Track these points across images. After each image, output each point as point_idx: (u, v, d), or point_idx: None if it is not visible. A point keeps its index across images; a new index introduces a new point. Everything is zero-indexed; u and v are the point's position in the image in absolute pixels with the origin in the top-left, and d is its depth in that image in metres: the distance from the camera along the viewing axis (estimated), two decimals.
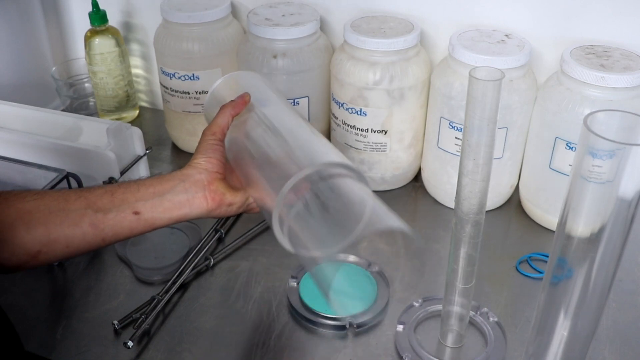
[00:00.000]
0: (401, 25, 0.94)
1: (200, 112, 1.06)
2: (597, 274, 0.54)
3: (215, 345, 0.75)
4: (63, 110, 1.20)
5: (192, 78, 1.03)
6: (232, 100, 0.73)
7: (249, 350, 0.74)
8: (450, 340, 0.75)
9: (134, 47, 1.23)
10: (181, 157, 1.11)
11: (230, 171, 0.71)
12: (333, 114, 0.99)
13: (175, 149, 1.14)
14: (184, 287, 0.83)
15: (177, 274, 0.83)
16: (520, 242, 0.92)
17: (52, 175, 0.86)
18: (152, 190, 0.66)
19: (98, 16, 1.11)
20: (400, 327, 0.76)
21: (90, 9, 1.11)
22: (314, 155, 0.63)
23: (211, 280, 0.85)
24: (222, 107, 0.73)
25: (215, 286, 0.83)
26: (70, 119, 1.02)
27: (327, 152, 0.64)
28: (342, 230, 0.60)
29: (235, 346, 0.75)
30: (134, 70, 1.24)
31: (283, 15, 0.98)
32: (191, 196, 0.67)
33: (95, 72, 1.15)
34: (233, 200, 0.68)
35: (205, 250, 0.88)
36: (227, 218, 0.94)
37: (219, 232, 0.91)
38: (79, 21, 1.22)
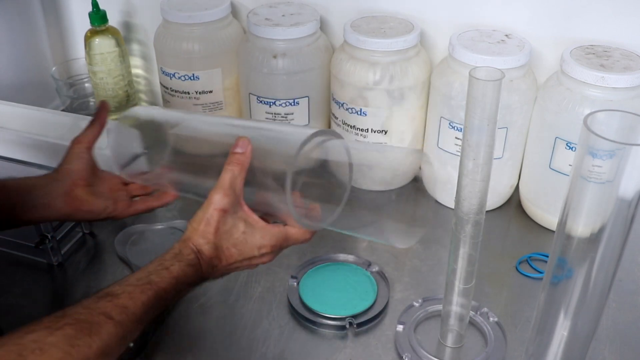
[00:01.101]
0: (401, 25, 0.94)
1: (200, 112, 1.06)
2: (597, 274, 0.54)
3: (215, 345, 0.75)
4: (63, 110, 1.20)
5: (192, 78, 1.03)
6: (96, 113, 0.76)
7: (249, 350, 0.74)
8: (450, 340, 0.75)
9: (134, 47, 1.23)
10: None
11: (99, 178, 0.75)
12: (333, 114, 0.99)
13: None
14: None
15: None
16: (520, 242, 0.92)
17: None
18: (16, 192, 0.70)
19: (98, 16, 1.11)
20: (400, 327, 0.76)
21: (90, 9, 1.11)
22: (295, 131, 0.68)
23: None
24: (92, 120, 0.76)
25: (215, 286, 0.83)
26: (70, 119, 1.02)
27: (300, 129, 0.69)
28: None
29: (235, 346, 0.75)
30: (134, 70, 1.24)
31: (283, 15, 0.98)
32: (51, 200, 0.71)
33: (95, 72, 1.15)
34: (91, 208, 0.73)
35: None
36: None
37: None
38: (79, 21, 1.22)
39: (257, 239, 0.63)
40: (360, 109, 0.94)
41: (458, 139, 0.90)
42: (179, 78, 1.04)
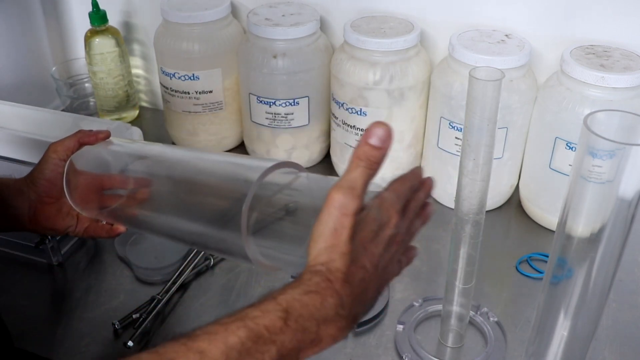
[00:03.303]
0: (401, 25, 0.94)
1: (200, 112, 1.06)
2: (597, 274, 0.54)
3: None
4: (63, 110, 1.20)
5: (192, 78, 1.03)
6: (90, 130, 0.73)
7: None
8: (450, 340, 0.75)
9: (134, 47, 1.23)
10: None
11: (71, 190, 0.71)
12: (333, 114, 0.99)
13: None
14: (184, 287, 0.83)
15: (177, 274, 0.83)
16: (520, 242, 0.92)
17: None
18: None
19: (98, 16, 1.11)
20: (400, 327, 0.76)
21: (90, 9, 1.11)
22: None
23: (211, 280, 0.85)
24: (77, 131, 0.73)
25: (215, 286, 0.83)
26: (70, 119, 1.02)
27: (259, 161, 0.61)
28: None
29: None
30: (134, 70, 1.24)
31: (283, 15, 0.98)
32: (17, 213, 0.70)
33: (95, 72, 1.15)
34: (53, 227, 0.72)
35: None
36: None
37: None
38: (79, 21, 1.22)
39: (383, 213, 0.49)
40: (360, 109, 0.94)
41: (458, 139, 0.90)
42: (179, 78, 1.04)
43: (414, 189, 0.52)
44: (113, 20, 1.16)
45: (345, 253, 0.46)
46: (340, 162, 1.02)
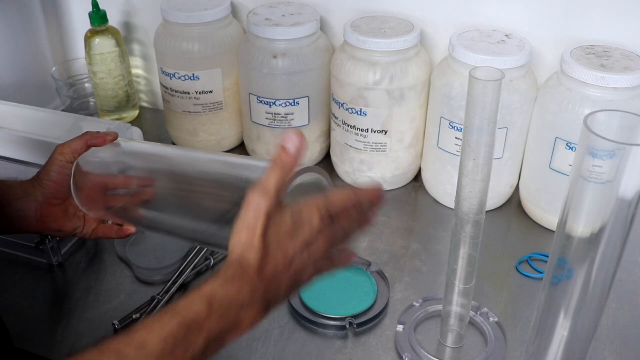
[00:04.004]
0: (401, 25, 0.94)
1: (200, 112, 1.06)
2: (597, 274, 0.54)
3: None
4: (63, 110, 1.20)
5: (192, 78, 1.03)
6: (97, 132, 0.73)
7: (249, 350, 0.74)
8: (450, 340, 0.75)
9: (134, 47, 1.23)
10: None
11: (78, 192, 0.71)
12: (333, 114, 0.99)
13: None
14: (184, 287, 0.83)
15: (177, 274, 0.83)
16: (520, 242, 0.92)
17: None
18: None
19: (98, 16, 1.11)
20: (400, 327, 0.76)
21: (90, 9, 1.11)
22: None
23: None
24: (84, 133, 0.72)
25: None
26: (70, 119, 1.02)
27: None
28: None
29: (235, 346, 0.75)
30: (134, 70, 1.24)
31: (283, 15, 0.98)
32: (25, 215, 0.70)
33: (95, 72, 1.15)
34: (61, 228, 0.73)
35: (205, 250, 0.88)
36: None
37: None
38: (79, 21, 1.22)
39: (304, 214, 0.53)
40: (360, 109, 0.94)
41: (458, 139, 0.90)
42: (179, 78, 1.04)
43: (357, 205, 0.55)
44: (113, 20, 1.16)
45: (258, 248, 0.51)
46: (340, 162, 1.02)
